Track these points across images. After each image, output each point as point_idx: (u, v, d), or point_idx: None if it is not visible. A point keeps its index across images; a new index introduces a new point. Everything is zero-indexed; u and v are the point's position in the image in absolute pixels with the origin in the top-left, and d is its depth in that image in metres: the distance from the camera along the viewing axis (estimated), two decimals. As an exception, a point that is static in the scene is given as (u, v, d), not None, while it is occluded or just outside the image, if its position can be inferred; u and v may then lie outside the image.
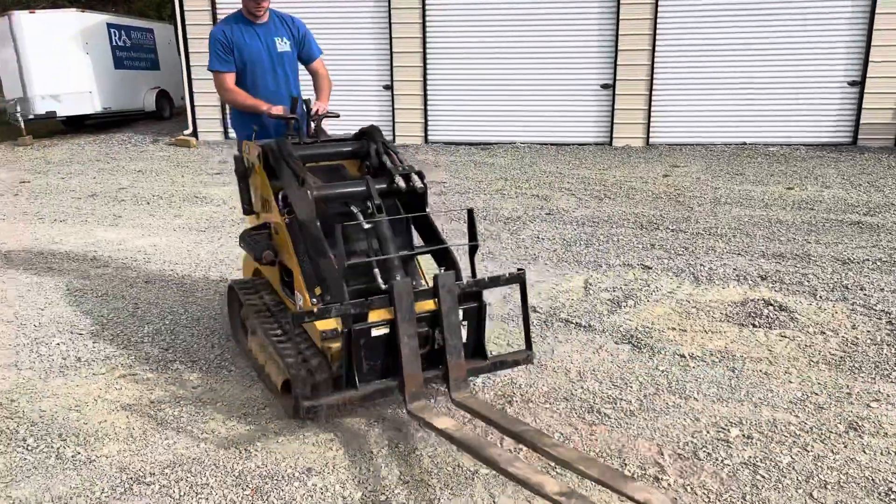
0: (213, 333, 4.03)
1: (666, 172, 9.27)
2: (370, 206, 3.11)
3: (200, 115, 12.94)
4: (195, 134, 12.95)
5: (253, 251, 3.50)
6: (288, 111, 3.66)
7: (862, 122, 10.89)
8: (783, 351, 3.69)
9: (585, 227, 6.39)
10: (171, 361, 3.68)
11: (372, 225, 3.07)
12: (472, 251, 3.17)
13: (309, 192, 3.04)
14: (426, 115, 12.13)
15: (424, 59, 11.86)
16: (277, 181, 3.34)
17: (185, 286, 4.85)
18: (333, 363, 2.97)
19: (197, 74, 12.70)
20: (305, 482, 2.65)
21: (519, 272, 3.09)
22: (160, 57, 17.15)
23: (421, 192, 3.20)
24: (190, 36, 12.55)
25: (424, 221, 3.25)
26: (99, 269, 5.32)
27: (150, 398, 3.29)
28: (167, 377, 3.50)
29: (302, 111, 3.69)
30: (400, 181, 3.18)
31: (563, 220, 6.69)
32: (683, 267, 5.13)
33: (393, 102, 12.21)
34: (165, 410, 3.18)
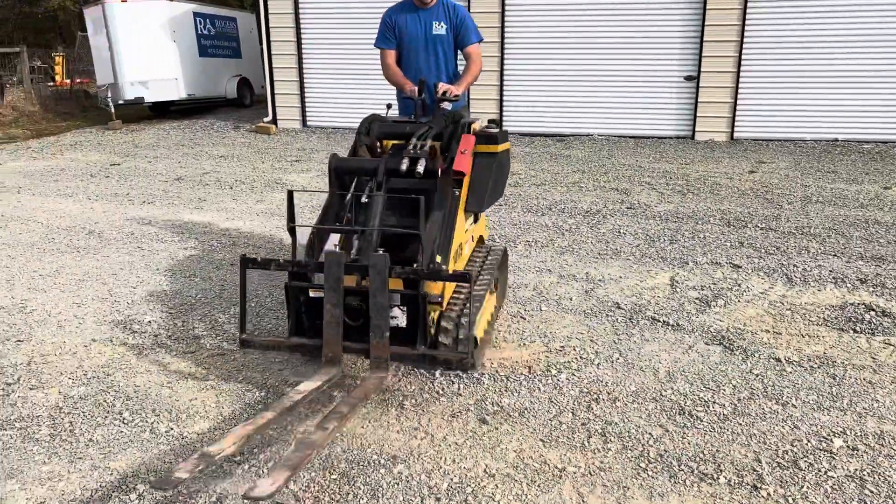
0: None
1: (752, 168, 8.93)
2: (375, 182, 3.27)
3: (280, 103, 13.19)
4: (275, 121, 13.22)
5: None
6: (415, 92, 3.95)
7: (967, 119, 10.24)
8: (888, 359, 3.48)
9: (669, 222, 6.21)
10: (257, 343, 3.74)
11: (371, 200, 3.22)
12: (418, 240, 3.09)
13: (331, 161, 3.35)
14: (501, 105, 12.03)
15: (502, 48, 11.75)
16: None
17: (269, 271, 4.92)
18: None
19: (278, 63, 12.95)
20: (391, 469, 2.64)
21: (465, 272, 3.14)
22: (242, 45, 17.57)
23: (419, 177, 3.24)
24: (272, 25, 12.80)
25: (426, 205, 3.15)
26: (186, 250, 5.47)
27: (237, 378, 3.35)
28: (252, 358, 3.56)
29: (432, 92, 3.97)
30: (403, 164, 3.25)
31: (644, 214, 6.51)
32: (775, 267, 4.91)
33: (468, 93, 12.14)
34: (253, 392, 3.23)
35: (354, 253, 3.19)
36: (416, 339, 3.09)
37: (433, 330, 3.19)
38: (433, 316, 3.20)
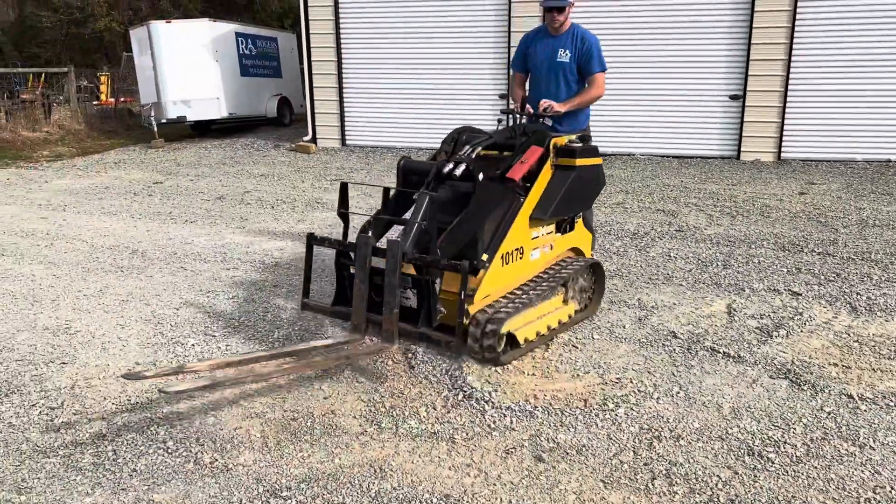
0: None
1: (802, 190, 8.66)
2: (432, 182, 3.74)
3: (320, 122, 13.25)
4: (314, 140, 13.28)
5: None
6: (518, 108, 4.53)
7: None
8: (971, 398, 3.25)
9: (721, 246, 6.00)
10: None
11: (419, 197, 3.62)
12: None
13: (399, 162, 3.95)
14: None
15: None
16: None
17: (313, 294, 4.85)
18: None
19: (318, 83, 13.03)
20: (445, 510, 2.51)
21: (457, 263, 3.32)
22: (282, 65, 17.77)
23: (455, 179, 3.69)
24: (313, 45, 12.89)
25: (463, 202, 3.62)
26: (229, 270, 5.43)
27: (283, 406, 3.26)
28: (298, 385, 3.46)
29: (534, 109, 4.48)
30: (447, 167, 3.72)
31: (694, 237, 6.32)
32: (837, 295, 4.69)
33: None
34: (299, 421, 3.13)
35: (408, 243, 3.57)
36: (424, 318, 3.49)
37: (466, 320, 3.45)
38: (465, 307, 3.41)
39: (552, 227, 4.13)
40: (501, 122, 4.36)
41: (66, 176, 10.59)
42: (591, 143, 4.47)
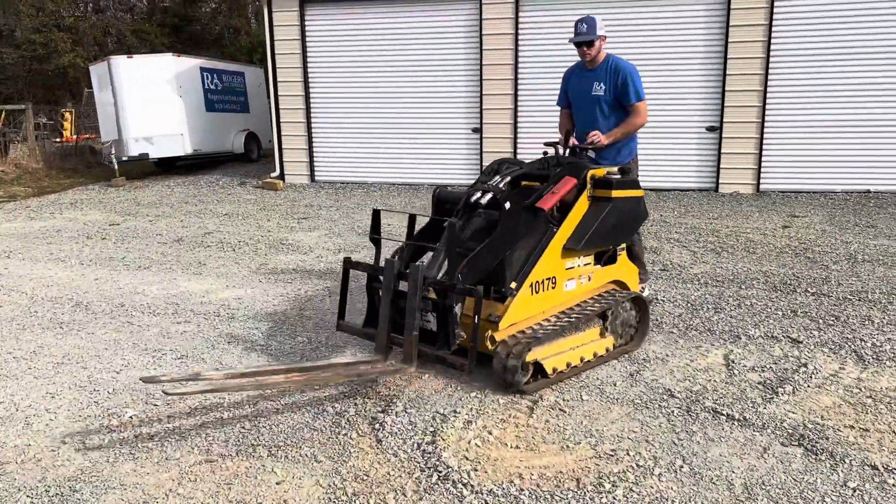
0: (302, 410, 3.53)
1: (785, 223, 8.43)
2: (464, 211, 3.91)
3: (288, 157, 12.86)
4: (282, 177, 12.87)
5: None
6: (562, 140, 4.51)
7: None
8: None
9: (709, 286, 5.67)
10: (254, 446, 3.19)
11: (457, 223, 3.66)
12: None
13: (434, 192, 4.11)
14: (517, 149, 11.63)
15: (516, 100, 11.42)
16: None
17: (269, 350, 4.41)
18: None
19: (286, 118, 12.66)
20: None
21: (472, 288, 3.39)
22: (250, 100, 17.39)
23: (482, 207, 3.84)
24: (280, 79, 12.55)
25: (493, 228, 3.74)
26: (180, 324, 4.96)
27: (227, 496, 2.80)
28: (249, 466, 3.01)
29: (580, 139, 4.61)
30: (474, 196, 3.87)
31: (680, 277, 5.98)
32: (839, 342, 4.35)
33: (481, 146, 11.79)
34: (245, 515, 2.67)
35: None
36: (442, 341, 3.56)
37: (491, 345, 3.59)
38: (490, 333, 3.60)
39: (590, 258, 4.15)
40: (547, 153, 4.36)
41: (16, 218, 10.02)
42: (632, 176, 4.46)
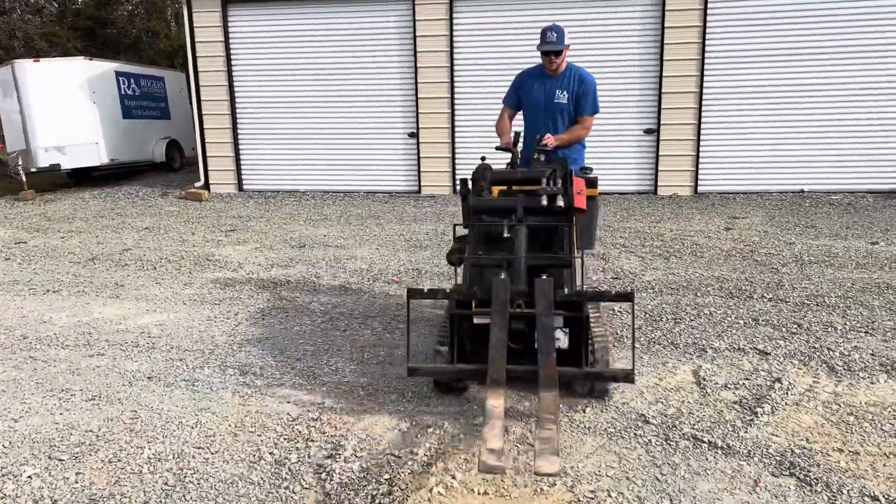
0: (235, 459, 3.07)
1: (727, 225, 8.37)
2: (514, 219, 3.55)
3: (213, 166, 12.20)
4: (207, 186, 12.20)
5: (448, 252, 4.13)
6: (510, 144, 4.39)
7: (933, 166, 10.00)
8: None
9: (664, 294, 5.45)
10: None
11: (512, 235, 3.46)
12: (563, 265, 3.49)
13: (468, 202, 3.64)
14: (453, 164, 11.32)
15: (453, 103, 11.10)
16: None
17: (195, 385, 3.91)
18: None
19: (209, 124, 11.99)
20: None
21: (628, 292, 3.24)
22: (171, 106, 16.54)
23: (559, 209, 3.56)
24: (203, 84, 11.88)
25: (558, 235, 3.57)
26: (92, 358, 4.39)
27: (147, 577, 2.33)
28: (172, 537, 2.54)
29: (529, 143, 4.46)
30: (543, 200, 3.56)
31: (633, 285, 5.75)
32: (807, 352, 4.17)
33: (419, 150, 11.43)
34: None
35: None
36: (577, 359, 3.30)
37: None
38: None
39: None
40: (538, 159, 4.28)
41: None
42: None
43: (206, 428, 3.36)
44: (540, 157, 4.34)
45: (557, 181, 3.74)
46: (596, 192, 4.13)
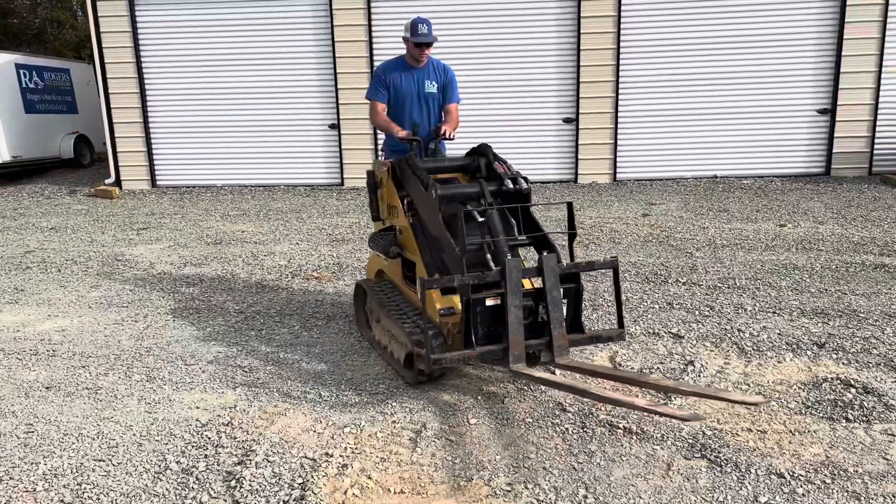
0: (139, 470, 2.91)
1: (645, 211, 8.56)
2: (483, 203, 3.66)
3: (124, 161, 11.69)
4: (118, 183, 11.68)
5: (382, 248, 4.20)
6: (411, 135, 4.42)
7: (834, 151, 10.49)
8: (904, 458, 2.82)
9: (583, 282, 5.50)
10: (74, 527, 2.56)
11: (484, 219, 3.57)
12: (570, 239, 3.71)
13: (433, 192, 3.60)
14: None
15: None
16: (403, 190, 4.04)
17: (99, 394, 3.71)
18: (449, 337, 3.52)
19: (119, 118, 11.48)
20: None
21: (612, 259, 3.57)
22: (78, 99, 15.76)
23: (526, 192, 3.73)
24: (110, 76, 11.36)
25: (528, 215, 3.72)
26: (-14, 369, 4.11)
27: None
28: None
29: (427, 134, 4.53)
30: (509, 183, 3.73)
31: (554, 274, 5.79)
32: (719, 334, 4.28)
33: (340, 142, 11.24)
34: None
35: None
36: (574, 326, 3.54)
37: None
38: None
39: None
40: (434, 149, 4.51)
41: None
42: None
43: (108, 439, 3.19)
44: (438, 146, 4.61)
45: (493, 166, 3.90)
46: None
